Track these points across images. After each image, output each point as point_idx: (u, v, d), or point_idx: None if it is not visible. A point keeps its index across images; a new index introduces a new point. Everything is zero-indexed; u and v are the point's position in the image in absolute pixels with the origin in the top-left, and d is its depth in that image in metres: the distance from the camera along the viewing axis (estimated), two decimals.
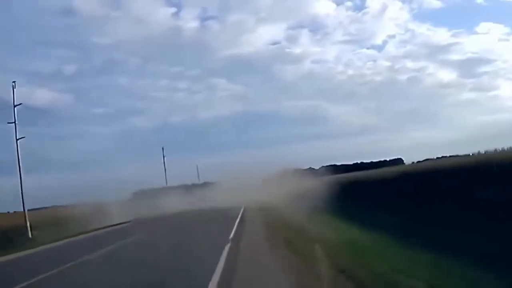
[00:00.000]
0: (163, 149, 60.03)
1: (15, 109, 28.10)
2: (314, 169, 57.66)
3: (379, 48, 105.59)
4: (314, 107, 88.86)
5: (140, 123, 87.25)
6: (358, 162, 66.64)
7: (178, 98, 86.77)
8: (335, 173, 50.76)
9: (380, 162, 63.21)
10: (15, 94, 28.24)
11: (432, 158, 55.32)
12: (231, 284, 7.82)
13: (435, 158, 53.10)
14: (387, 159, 65.57)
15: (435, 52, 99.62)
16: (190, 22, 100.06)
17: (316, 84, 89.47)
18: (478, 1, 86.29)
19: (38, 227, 27.09)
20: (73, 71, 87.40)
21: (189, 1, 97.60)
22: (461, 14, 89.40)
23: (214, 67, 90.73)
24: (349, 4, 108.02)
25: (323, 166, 59.72)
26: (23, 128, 29.51)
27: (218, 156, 64.41)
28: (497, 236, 11.08)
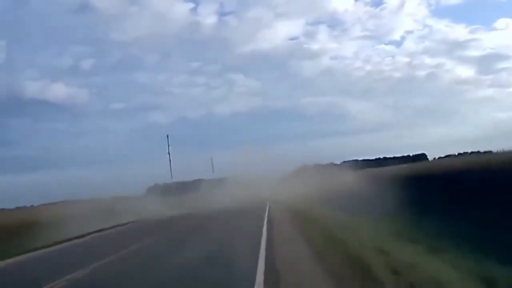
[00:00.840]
0: (168, 136, 51.10)
1: None
2: (336, 164, 52.32)
3: (397, 44, 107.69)
4: (332, 103, 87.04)
5: (157, 119, 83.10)
6: (380, 157, 63.29)
7: (196, 94, 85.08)
8: (360, 168, 45.53)
9: (403, 157, 59.74)
10: None
11: (453, 154, 50.56)
12: None
13: (456, 154, 48.61)
14: (410, 154, 62.32)
15: (453, 48, 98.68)
16: (208, 17, 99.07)
17: (334, 80, 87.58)
18: None
19: None
20: (89, 67, 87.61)
21: None
22: (479, 10, 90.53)
23: (232, 63, 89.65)
24: None
25: (345, 161, 54.58)
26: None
27: (234, 151, 58.66)
28: None
